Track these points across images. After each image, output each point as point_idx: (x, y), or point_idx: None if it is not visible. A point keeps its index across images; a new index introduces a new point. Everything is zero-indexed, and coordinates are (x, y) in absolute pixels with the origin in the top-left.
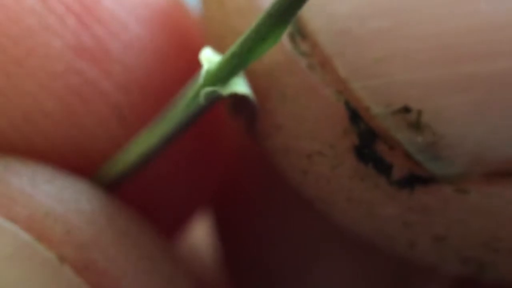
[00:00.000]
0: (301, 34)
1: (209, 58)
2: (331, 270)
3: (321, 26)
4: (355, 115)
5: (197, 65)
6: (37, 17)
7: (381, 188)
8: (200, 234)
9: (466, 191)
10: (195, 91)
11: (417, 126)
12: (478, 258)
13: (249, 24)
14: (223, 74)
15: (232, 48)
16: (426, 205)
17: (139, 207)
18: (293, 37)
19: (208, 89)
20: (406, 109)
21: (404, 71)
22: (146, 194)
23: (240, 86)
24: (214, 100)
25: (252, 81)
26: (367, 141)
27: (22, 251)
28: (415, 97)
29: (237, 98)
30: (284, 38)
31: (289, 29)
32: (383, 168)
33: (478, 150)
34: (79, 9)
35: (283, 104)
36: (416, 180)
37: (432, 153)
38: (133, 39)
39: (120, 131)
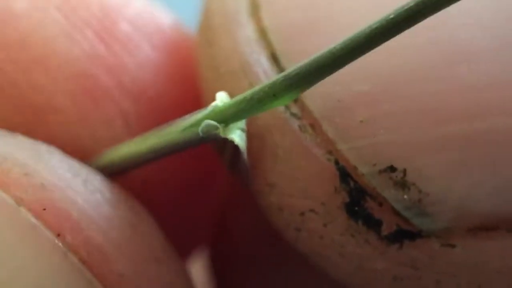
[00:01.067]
0: None
1: (222, 97)
2: None
3: (310, 91)
4: (344, 174)
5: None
6: (59, 26)
7: (371, 244)
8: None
9: (452, 245)
10: (197, 120)
11: (402, 184)
12: None
13: (241, 86)
14: (228, 115)
15: (244, 94)
16: (415, 259)
17: None
18: None
19: (210, 122)
20: (391, 168)
21: (387, 132)
22: None
23: (237, 136)
24: (211, 137)
25: (247, 142)
26: (357, 198)
27: None
28: (399, 156)
29: (231, 153)
30: None
31: None
32: (373, 224)
33: (461, 205)
34: (98, 26)
35: (276, 163)
36: (404, 235)
37: (418, 209)
38: (144, 58)
39: (124, 135)
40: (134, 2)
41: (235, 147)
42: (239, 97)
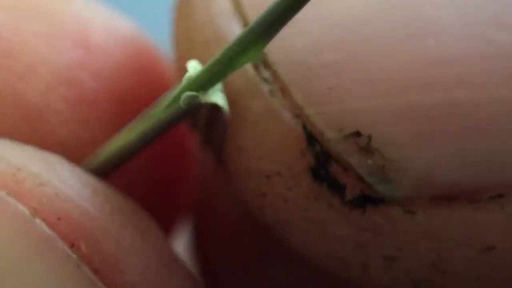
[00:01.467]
0: (263, 63)
1: (194, 66)
2: None
3: (280, 58)
4: (311, 138)
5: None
6: (44, 40)
7: (334, 208)
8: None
9: (413, 212)
10: (176, 95)
11: (367, 150)
12: (427, 280)
13: (214, 54)
14: (204, 81)
15: (214, 57)
16: (377, 225)
17: None
18: (256, 65)
19: (189, 93)
20: (357, 134)
21: (354, 99)
22: None
23: (219, 98)
24: (193, 107)
25: None
26: (322, 162)
27: None
28: (365, 123)
29: (209, 120)
30: (248, 65)
31: None
32: (337, 188)
33: (425, 174)
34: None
35: (244, 127)
36: (367, 200)
37: (381, 175)
38: (117, 63)
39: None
40: (101, 14)
41: (216, 110)
42: (210, 61)
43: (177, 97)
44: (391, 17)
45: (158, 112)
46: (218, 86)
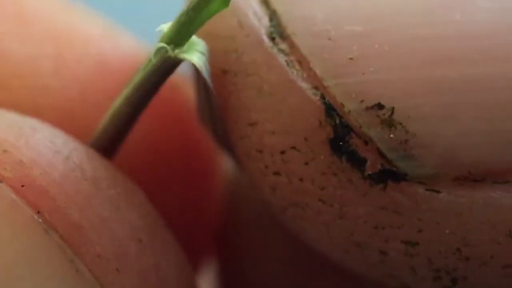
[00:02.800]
0: (280, 35)
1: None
2: None
3: (299, 29)
4: (330, 109)
5: None
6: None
7: (354, 184)
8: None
9: (437, 191)
10: (151, 53)
11: (389, 123)
12: (450, 269)
13: (230, 25)
14: (174, 35)
15: (182, 9)
16: (398, 203)
17: None
18: (272, 37)
19: (158, 45)
20: (379, 106)
21: (377, 71)
22: None
23: (194, 56)
24: (167, 62)
25: (229, 80)
26: (342, 134)
27: None
28: (388, 95)
29: (197, 86)
30: (264, 37)
31: (269, 30)
32: (357, 162)
33: (449, 152)
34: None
35: (259, 99)
36: (388, 175)
37: (403, 151)
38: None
39: None
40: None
41: (200, 76)
42: (179, 13)
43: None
44: None
45: (139, 73)
46: (200, 47)
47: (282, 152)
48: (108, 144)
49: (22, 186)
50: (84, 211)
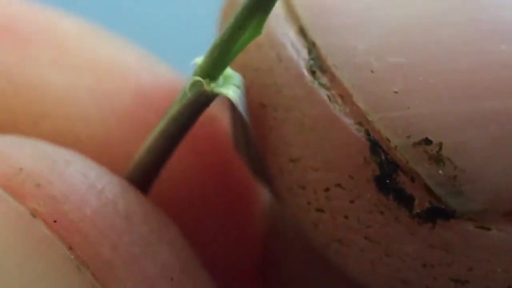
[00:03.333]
0: (320, 68)
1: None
2: None
3: (340, 61)
4: (375, 146)
5: None
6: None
7: (401, 222)
8: None
9: (487, 228)
10: (185, 87)
11: (437, 158)
12: None
13: (268, 58)
14: (208, 67)
15: (213, 41)
16: (447, 242)
17: None
18: (312, 70)
19: (193, 78)
20: (426, 141)
21: (423, 104)
22: None
23: (230, 90)
24: (202, 96)
25: (269, 114)
26: (388, 171)
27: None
28: (435, 130)
29: (233, 118)
30: (304, 71)
31: (308, 63)
32: (404, 199)
33: (499, 186)
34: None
35: (301, 135)
36: (437, 213)
37: (452, 187)
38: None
39: None
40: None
41: (235, 110)
42: (210, 46)
43: (185, 88)
44: (459, 20)
45: (174, 106)
46: (236, 81)
47: (326, 190)
48: (143, 177)
49: (55, 221)
50: (116, 247)
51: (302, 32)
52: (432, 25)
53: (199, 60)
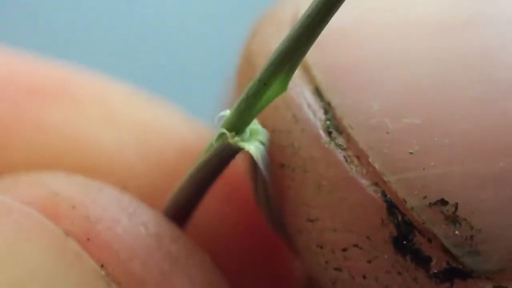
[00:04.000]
0: (336, 128)
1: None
2: None
3: (355, 122)
4: (392, 207)
5: None
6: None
7: (419, 283)
8: None
9: (504, 287)
10: (214, 138)
11: (453, 219)
12: None
13: (284, 119)
14: (235, 121)
15: (240, 96)
16: None
17: None
18: (329, 131)
19: (220, 130)
20: (442, 202)
21: (439, 165)
22: None
23: (252, 146)
24: (227, 148)
25: (287, 174)
26: (405, 232)
27: (35, 228)
28: (451, 190)
29: (253, 171)
30: (321, 132)
31: (325, 124)
32: (422, 260)
33: None
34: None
35: (319, 195)
36: (455, 274)
37: (469, 247)
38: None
39: None
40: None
41: (255, 166)
42: (237, 100)
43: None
44: (474, 79)
45: (201, 155)
46: (262, 138)
47: (344, 250)
48: (174, 216)
49: (88, 239)
50: (146, 264)
51: (317, 92)
52: (447, 84)
53: (227, 112)
